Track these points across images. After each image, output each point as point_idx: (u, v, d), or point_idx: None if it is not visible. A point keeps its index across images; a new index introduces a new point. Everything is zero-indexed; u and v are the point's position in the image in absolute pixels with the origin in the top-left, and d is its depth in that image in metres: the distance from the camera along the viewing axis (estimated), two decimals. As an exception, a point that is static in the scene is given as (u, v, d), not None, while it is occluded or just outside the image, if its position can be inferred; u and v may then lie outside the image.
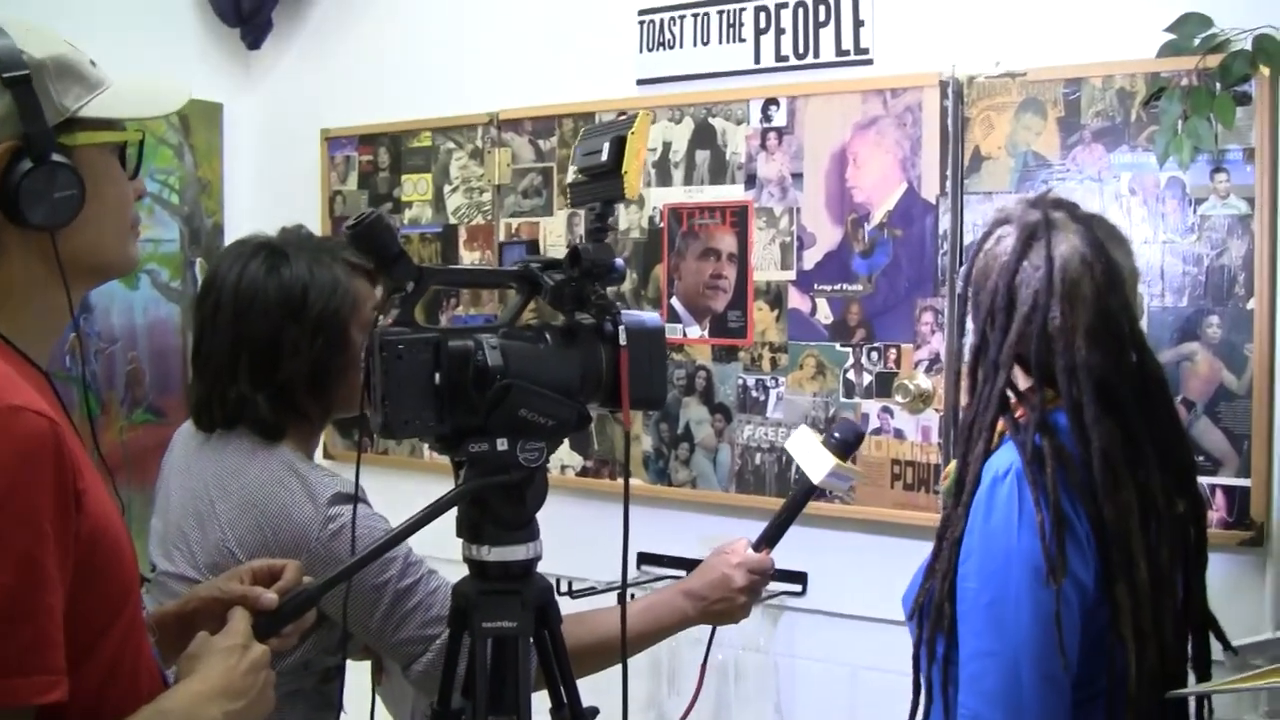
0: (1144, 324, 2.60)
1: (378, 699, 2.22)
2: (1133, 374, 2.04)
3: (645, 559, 3.42)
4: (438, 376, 1.63)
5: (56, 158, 1.46)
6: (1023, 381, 2.06)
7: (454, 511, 1.73)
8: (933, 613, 2.03)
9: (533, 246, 1.75)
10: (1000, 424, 2.04)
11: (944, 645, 2.01)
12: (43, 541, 1.33)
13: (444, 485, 1.68)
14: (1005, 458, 2.00)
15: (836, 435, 2.35)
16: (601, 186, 1.73)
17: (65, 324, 1.59)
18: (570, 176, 1.65)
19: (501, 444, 1.68)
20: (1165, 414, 2.08)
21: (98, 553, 1.42)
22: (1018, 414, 2.03)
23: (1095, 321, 1.99)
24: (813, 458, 2.34)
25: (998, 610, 1.94)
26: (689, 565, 3.35)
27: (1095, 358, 1.98)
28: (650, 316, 1.80)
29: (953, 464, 2.25)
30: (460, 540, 1.77)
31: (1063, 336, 1.98)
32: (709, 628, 2.38)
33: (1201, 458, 2.64)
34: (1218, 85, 2.63)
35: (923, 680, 2.06)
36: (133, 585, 1.52)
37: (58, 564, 1.35)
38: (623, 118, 1.73)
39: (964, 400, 2.12)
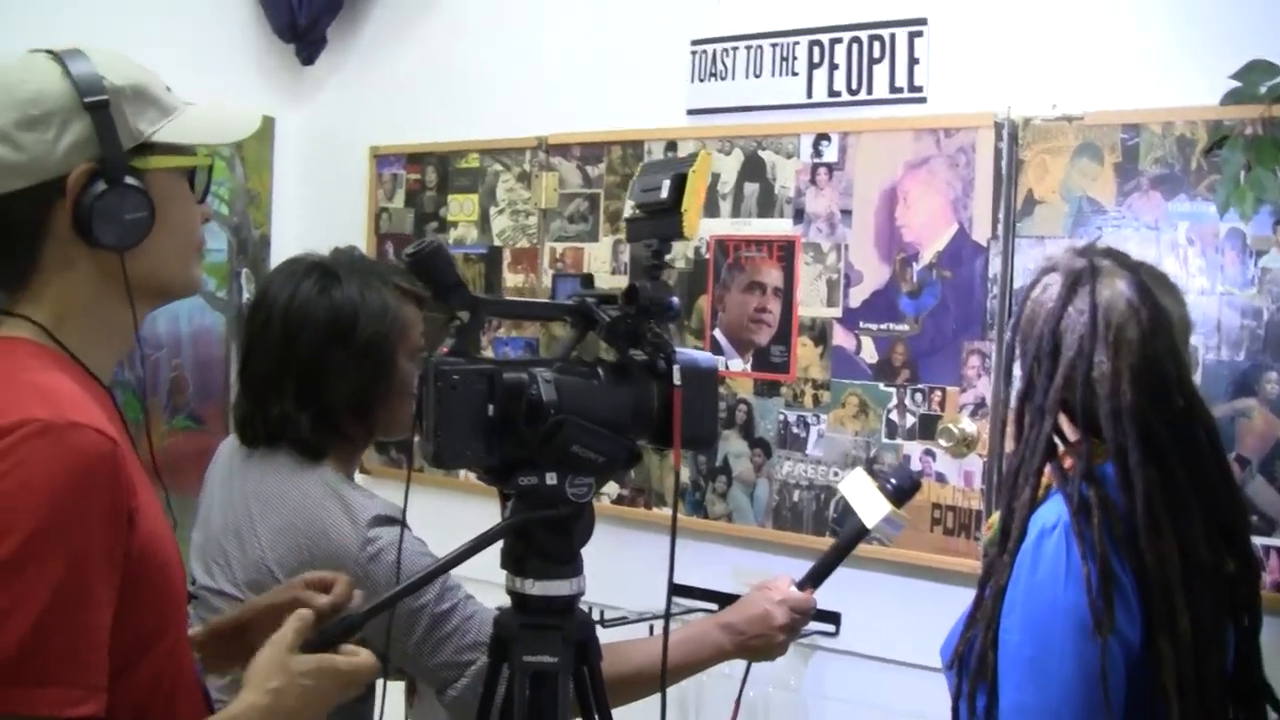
0: (1197, 376, 2.57)
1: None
2: (1179, 421, 2.00)
3: (678, 590, 3.39)
4: (491, 408, 1.62)
5: (129, 180, 1.50)
6: (1069, 431, 2.04)
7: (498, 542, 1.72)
8: (974, 663, 2.00)
9: (587, 280, 1.74)
10: (1047, 474, 2.02)
11: (985, 697, 1.98)
12: (90, 559, 1.35)
13: (482, 506, 1.68)
14: (1053, 511, 1.98)
15: (893, 481, 2.33)
16: (660, 224, 1.72)
17: (129, 342, 1.61)
18: (627, 211, 1.64)
19: (551, 478, 1.67)
20: (1215, 466, 2.05)
21: (146, 572, 1.44)
22: (1065, 464, 2.01)
23: (1140, 366, 1.96)
24: (868, 502, 2.32)
25: (1041, 664, 1.91)
26: (721, 598, 3.32)
27: (1140, 402, 1.95)
28: (704, 356, 1.79)
29: (996, 515, 2.23)
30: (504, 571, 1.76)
31: (1107, 381, 1.96)
32: (743, 663, 2.36)
33: (1255, 517, 2.59)
34: (1283, 135, 2.59)
35: None
36: (179, 605, 1.54)
37: (105, 581, 1.37)
38: (683, 156, 1.72)
39: (1009, 446, 2.10)
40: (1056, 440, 2.02)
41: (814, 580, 2.32)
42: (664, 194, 1.69)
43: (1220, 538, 2.01)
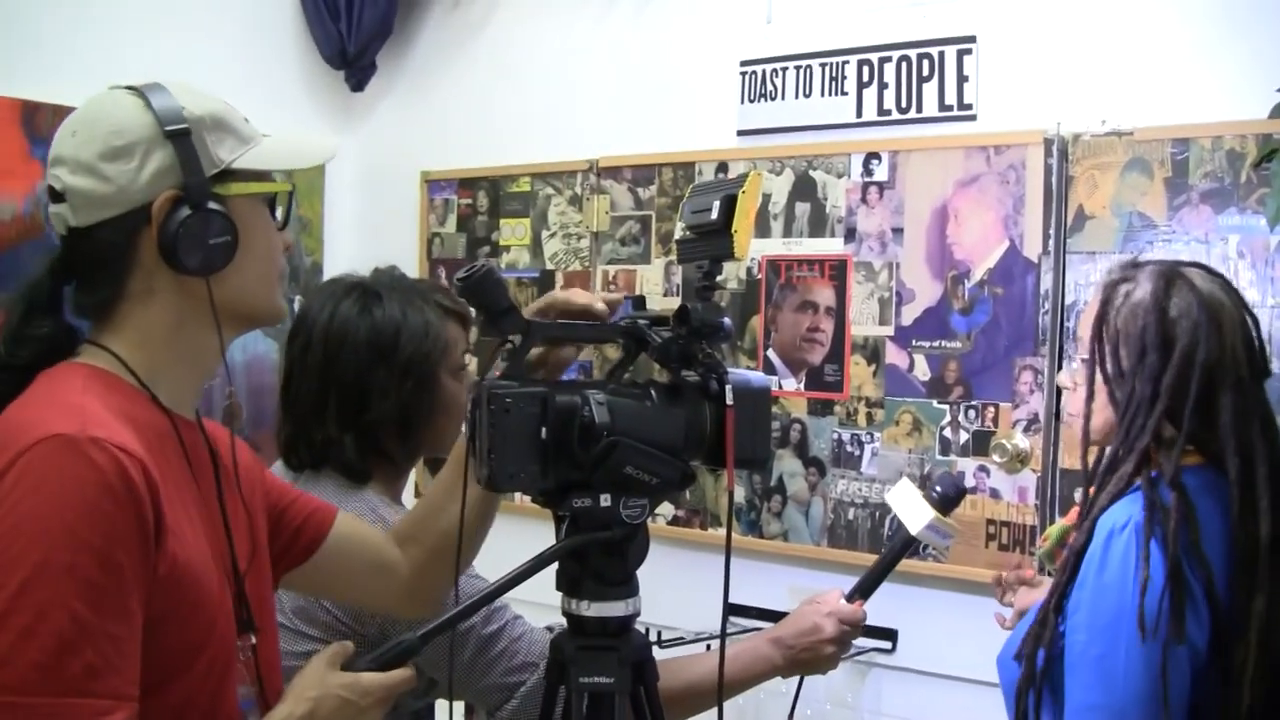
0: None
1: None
2: (1259, 411, 2.03)
3: (734, 610, 3.39)
4: (544, 431, 1.63)
5: (213, 206, 1.53)
6: (1164, 432, 2.03)
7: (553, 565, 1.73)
8: (1041, 661, 2.00)
9: (639, 301, 1.73)
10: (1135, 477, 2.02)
11: (1050, 695, 1.98)
12: (114, 569, 1.38)
13: (532, 526, 1.68)
14: (1124, 512, 1.97)
15: (938, 489, 2.33)
16: (710, 245, 1.72)
17: (213, 368, 1.65)
18: (678, 233, 1.65)
19: (605, 500, 1.66)
20: None
21: (177, 595, 1.46)
22: (1152, 466, 2.01)
23: (1247, 350, 2.01)
24: (912, 510, 2.31)
25: (1107, 665, 1.91)
26: (778, 617, 3.32)
27: (1257, 386, 2.00)
28: (756, 376, 1.78)
29: (1053, 526, 2.23)
30: (559, 593, 1.76)
31: (1226, 361, 1.98)
32: (796, 679, 2.35)
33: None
34: (1333, 148, 2.57)
35: None
36: (219, 636, 1.54)
37: (131, 594, 1.39)
38: (733, 176, 1.72)
39: (1095, 430, 2.08)
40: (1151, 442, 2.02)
41: (863, 592, 2.31)
42: (714, 215, 1.69)
43: None
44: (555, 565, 1.73)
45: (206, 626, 1.52)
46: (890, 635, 3.21)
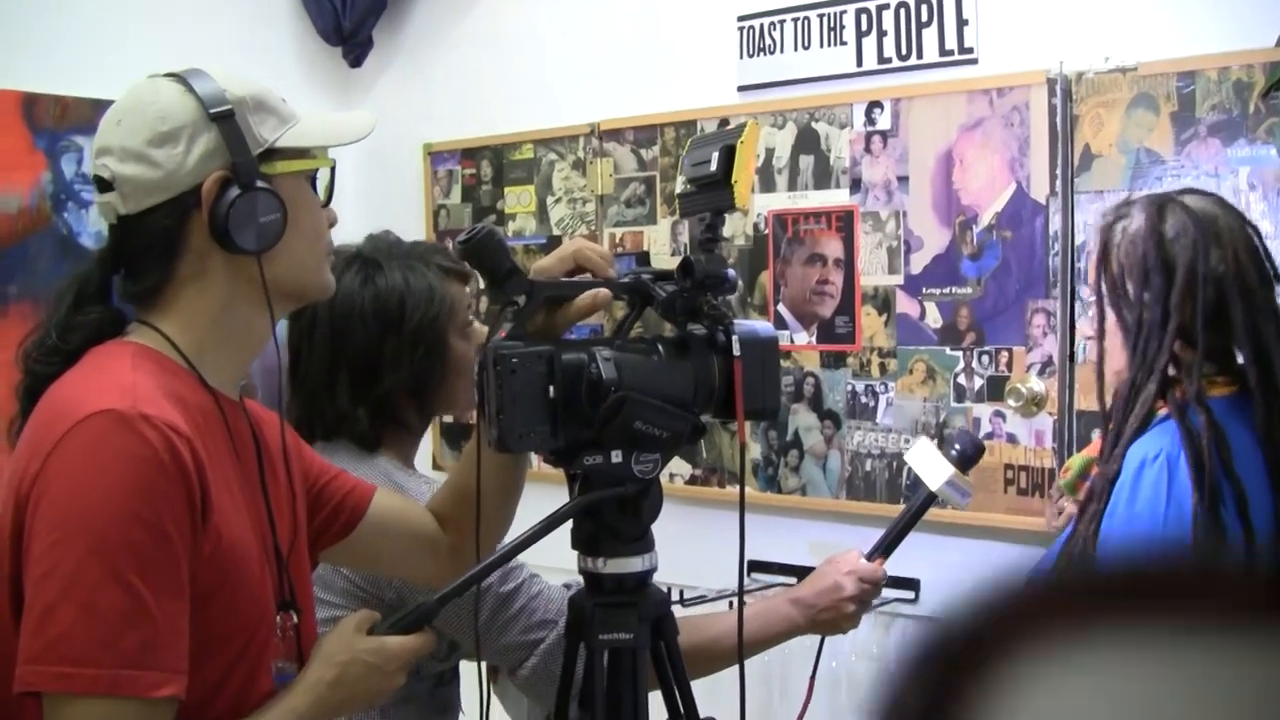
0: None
1: (494, 699, 2.22)
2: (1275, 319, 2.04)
3: (755, 566, 3.40)
4: (551, 390, 1.62)
5: (261, 184, 1.55)
6: (1182, 357, 2.03)
7: (568, 524, 1.73)
8: None
9: (643, 258, 1.72)
10: (1158, 405, 2.01)
11: None
12: (167, 545, 1.41)
13: (548, 493, 1.68)
14: (1155, 442, 1.97)
15: (957, 447, 2.32)
16: (711, 197, 1.71)
17: (257, 349, 1.69)
18: (679, 187, 1.63)
19: (616, 456, 1.66)
20: None
21: (219, 575, 1.48)
22: (1178, 393, 2.00)
23: (1252, 256, 2.01)
24: (932, 468, 2.30)
25: None
26: (799, 572, 3.32)
27: (1267, 290, 2.00)
28: (763, 326, 1.78)
29: (1074, 457, 2.22)
30: (575, 552, 1.76)
31: (1230, 269, 1.98)
32: (819, 637, 2.35)
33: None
34: (1341, 74, 2.55)
35: None
36: (260, 618, 1.57)
37: (180, 567, 1.42)
38: (731, 127, 1.71)
39: (1113, 372, 2.07)
40: (1170, 368, 2.02)
41: (883, 551, 2.31)
42: (713, 166, 1.69)
43: None
44: (570, 525, 1.74)
45: (247, 605, 1.55)
46: (913, 585, 3.20)
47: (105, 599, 1.37)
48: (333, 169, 1.72)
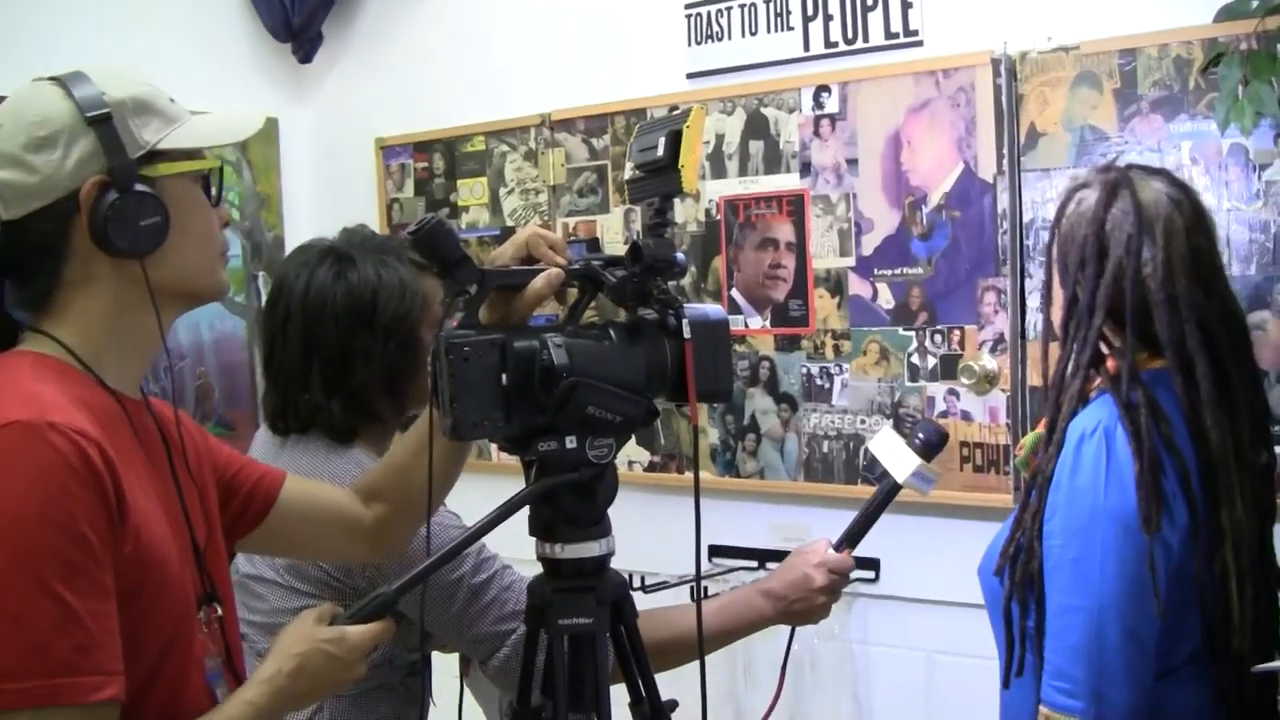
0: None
1: (466, 691, 2.23)
2: (1227, 314, 2.05)
3: (716, 551, 3.42)
4: (504, 377, 1.63)
5: (140, 188, 1.54)
6: (1114, 338, 2.05)
7: (525, 511, 1.74)
8: (1020, 568, 2.02)
9: (593, 244, 1.74)
10: (1091, 381, 2.04)
11: (1032, 600, 2.01)
12: (88, 549, 1.40)
13: (512, 486, 1.69)
14: (1093, 416, 2.00)
15: (920, 436, 2.34)
16: (659, 182, 1.72)
17: (156, 349, 1.66)
18: (627, 174, 1.65)
19: (570, 442, 1.68)
20: (1249, 359, 2.10)
21: (141, 573, 1.48)
22: (1110, 368, 2.03)
23: (1188, 255, 2.00)
24: (897, 458, 2.32)
25: (1084, 567, 1.94)
26: (760, 556, 3.35)
27: (1193, 290, 1.99)
28: (713, 309, 1.79)
29: (1028, 435, 2.25)
30: (533, 539, 1.77)
31: (1160, 271, 1.98)
32: (788, 627, 2.37)
33: (1277, 428, 2.60)
34: (1278, 48, 2.57)
35: (1015, 633, 2.05)
36: (182, 613, 1.57)
37: (104, 569, 1.42)
38: (677, 112, 1.73)
39: (1052, 356, 2.10)
40: (1102, 346, 2.04)
41: (850, 541, 2.33)
42: (660, 152, 1.70)
43: (1255, 432, 2.05)
44: (528, 511, 1.75)
45: (170, 601, 1.55)
46: (873, 565, 3.23)
47: (31, 610, 1.36)
48: (222, 169, 1.71)
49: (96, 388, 1.56)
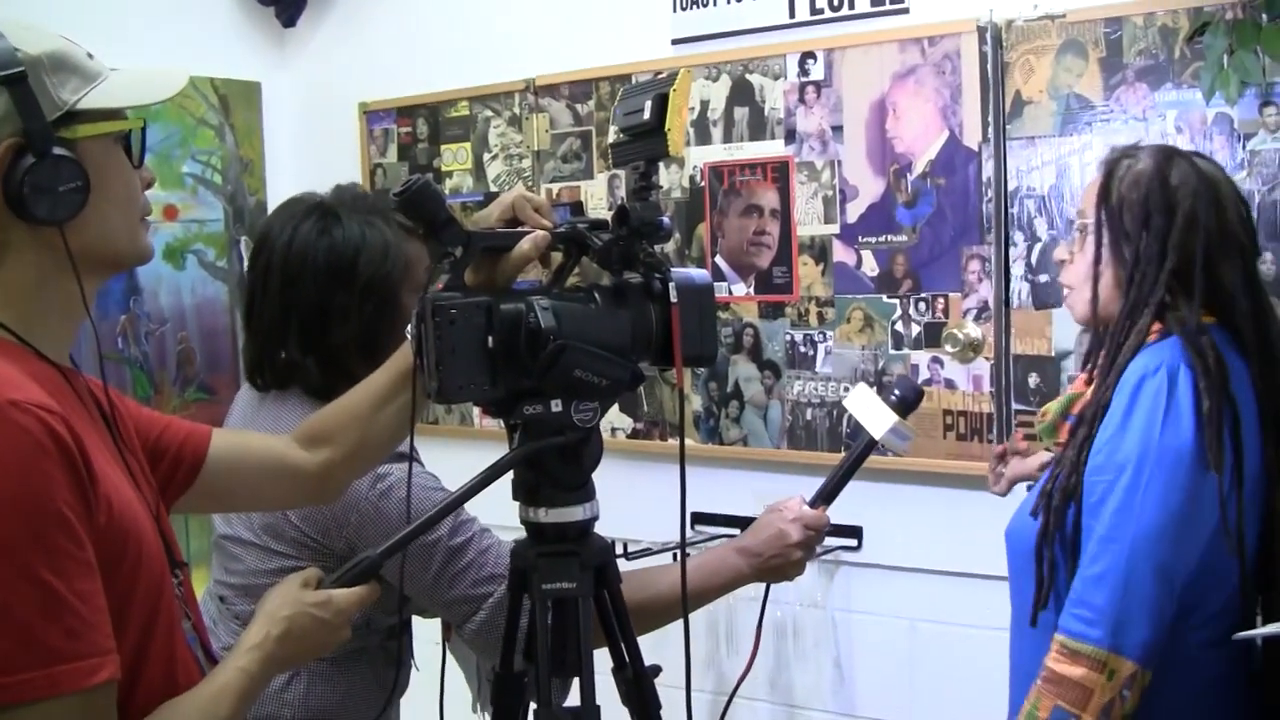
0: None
1: (448, 655, 2.23)
2: (1259, 284, 2.14)
3: (699, 518, 3.42)
4: (490, 340, 1.62)
5: (58, 151, 1.45)
6: (1177, 288, 2.10)
7: (509, 475, 1.74)
8: (1060, 502, 2.05)
9: (577, 208, 1.73)
10: (1152, 330, 2.08)
11: (1072, 535, 2.04)
12: (67, 528, 1.35)
13: (496, 452, 1.68)
14: (1155, 356, 2.03)
15: (896, 393, 2.34)
16: (644, 145, 1.71)
17: (83, 317, 1.57)
18: (612, 137, 1.63)
19: (556, 405, 1.67)
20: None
21: (119, 543, 1.44)
22: (1177, 316, 2.07)
23: (1238, 228, 2.10)
24: (873, 415, 2.32)
25: (1127, 499, 1.97)
26: (743, 523, 3.32)
27: (1251, 254, 2.11)
28: (699, 273, 1.78)
29: (1052, 403, 2.26)
30: (517, 503, 1.77)
31: (1226, 229, 2.07)
32: (764, 586, 2.37)
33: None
34: (1264, 17, 2.57)
35: (1045, 570, 2.07)
36: (159, 578, 1.53)
37: (85, 546, 1.37)
38: (663, 75, 1.72)
39: (1105, 301, 2.15)
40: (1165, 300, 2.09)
41: (825, 498, 2.32)
42: (646, 115, 1.69)
43: None
44: (511, 475, 1.74)
45: (149, 566, 1.50)
46: (856, 533, 3.24)
47: (18, 599, 1.31)
48: (144, 129, 1.60)
49: (36, 359, 1.49)
